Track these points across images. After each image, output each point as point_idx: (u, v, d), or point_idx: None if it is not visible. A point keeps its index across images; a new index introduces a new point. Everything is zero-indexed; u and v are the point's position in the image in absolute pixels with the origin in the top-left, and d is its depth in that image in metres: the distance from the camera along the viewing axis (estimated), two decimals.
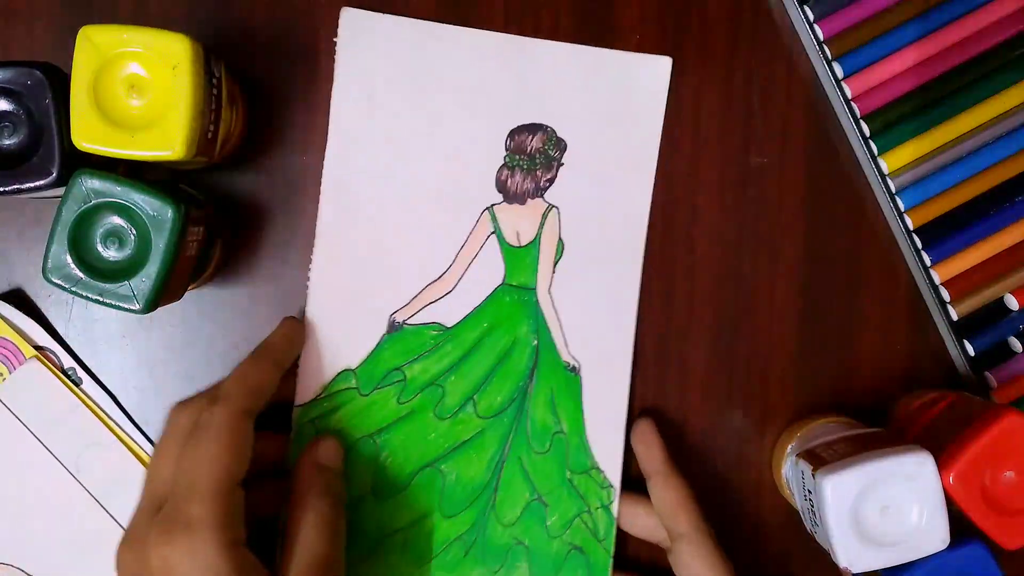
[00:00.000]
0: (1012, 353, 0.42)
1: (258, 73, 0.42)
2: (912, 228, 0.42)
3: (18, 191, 0.35)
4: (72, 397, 0.42)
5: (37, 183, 0.35)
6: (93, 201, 0.34)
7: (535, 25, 0.43)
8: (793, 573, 0.44)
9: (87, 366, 0.42)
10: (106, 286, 0.34)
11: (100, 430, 0.42)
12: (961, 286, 0.42)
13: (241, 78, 0.42)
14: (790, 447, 0.41)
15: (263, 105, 0.42)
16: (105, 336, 0.42)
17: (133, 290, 0.34)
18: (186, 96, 0.34)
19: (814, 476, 0.36)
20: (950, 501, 0.35)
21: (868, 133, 0.42)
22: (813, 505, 0.36)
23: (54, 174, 0.35)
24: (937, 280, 0.42)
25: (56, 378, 0.42)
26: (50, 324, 0.42)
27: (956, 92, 0.42)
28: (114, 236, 0.34)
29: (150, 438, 0.42)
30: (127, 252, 0.34)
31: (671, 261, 0.43)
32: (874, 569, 0.36)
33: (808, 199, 0.43)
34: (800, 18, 0.42)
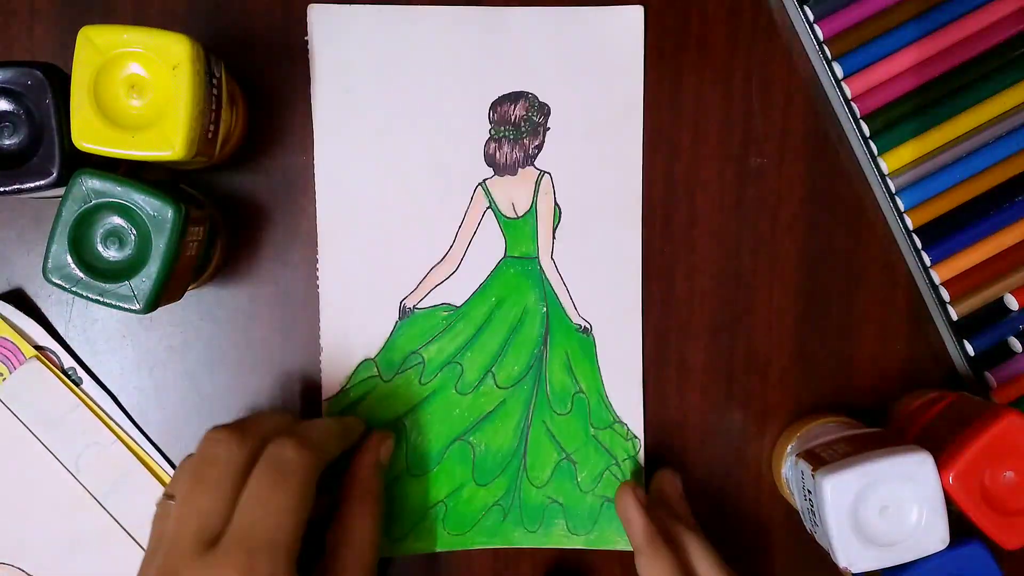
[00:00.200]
0: (1012, 353, 0.42)
1: (258, 73, 0.42)
2: (912, 228, 0.42)
3: (18, 191, 0.35)
4: (72, 397, 0.42)
5: (37, 183, 0.35)
6: (93, 201, 0.34)
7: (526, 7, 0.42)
8: (793, 573, 0.44)
9: (87, 366, 0.42)
10: (106, 286, 0.34)
11: (100, 430, 0.42)
12: (961, 286, 0.42)
13: (241, 78, 0.42)
14: (790, 447, 0.41)
15: (263, 105, 0.42)
16: (105, 336, 0.42)
17: (133, 290, 0.34)
18: (186, 96, 0.34)
19: (814, 476, 0.36)
20: (950, 501, 0.35)
21: (868, 133, 0.42)
22: (813, 505, 0.36)
23: (54, 174, 0.35)
24: (937, 280, 0.42)
25: (56, 378, 0.42)
26: (50, 324, 0.42)
27: (956, 92, 0.42)
28: (114, 236, 0.34)
29: (150, 438, 0.43)
30: (127, 252, 0.34)
31: (671, 261, 0.43)
32: (874, 569, 0.36)
33: (808, 199, 0.43)
34: (800, 18, 0.42)
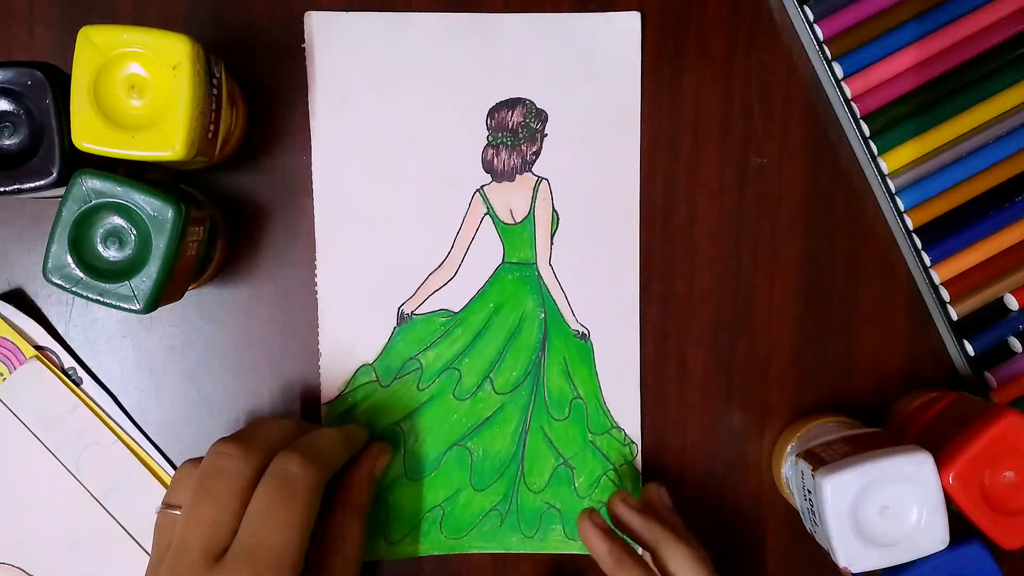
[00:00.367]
0: (1012, 353, 0.42)
1: (258, 73, 0.42)
2: (912, 228, 0.42)
3: (19, 191, 0.35)
4: (72, 397, 0.42)
5: (38, 183, 0.35)
6: (93, 201, 0.34)
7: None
8: (793, 573, 0.44)
9: (87, 366, 0.42)
10: (106, 286, 0.34)
11: (100, 430, 0.42)
12: (961, 286, 0.42)
13: (241, 78, 0.42)
14: (790, 447, 0.41)
15: (263, 105, 0.42)
16: (105, 336, 0.43)
17: (133, 290, 0.34)
18: (186, 96, 0.34)
19: (814, 476, 0.36)
20: (949, 501, 0.35)
21: (868, 133, 0.42)
22: (813, 505, 0.36)
23: (54, 174, 0.35)
24: (937, 280, 0.42)
25: (56, 378, 0.42)
26: (50, 324, 0.42)
27: (956, 92, 0.42)
28: (114, 236, 0.34)
29: (150, 438, 0.43)
30: (127, 252, 0.34)
31: (671, 261, 0.43)
32: (874, 569, 0.36)
33: (808, 199, 0.43)
34: (800, 18, 0.42)
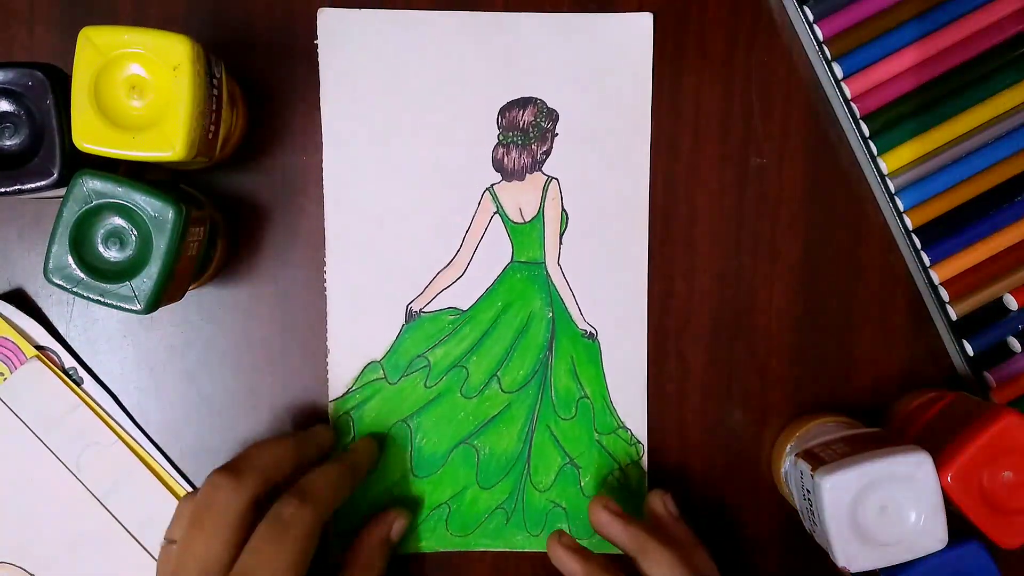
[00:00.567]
0: (1011, 353, 0.42)
1: (258, 73, 0.42)
2: (911, 228, 0.42)
3: (19, 192, 0.35)
4: (73, 397, 0.42)
5: (38, 184, 0.35)
6: (94, 202, 0.34)
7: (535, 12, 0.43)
8: (792, 573, 0.44)
9: (88, 366, 0.42)
10: (107, 286, 0.34)
11: (101, 430, 0.42)
12: (960, 286, 0.42)
13: (241, 78, 0.42)
14: (789, 447, 0.41)
15: (263, 105, 0.42)
16: (106, 336, 0.43)
17: (134, 290, 0.34)
18: (186, 97, 0.34)
19: (813, 476, 0.36)
20: (948, 501, 0.35)
21: (868, 133, 0.42)
22: (812, 505, 0.36)
23: (55, 175, 0.35)
24: (936, 280, 0.42)
25: (57, 378, 0.42)
26: (51, 324, 0.42)
27: (956, 92, 0.42)
28: (115, 237, 0.34)
29: (151, 437, 0.43)
30: (128, 253, 0.34)
31: (671, 261, 0.43)
32: (872, 568, 0.36)
33: (808, 199, 0.43)
34: (800, 18, 0.42)
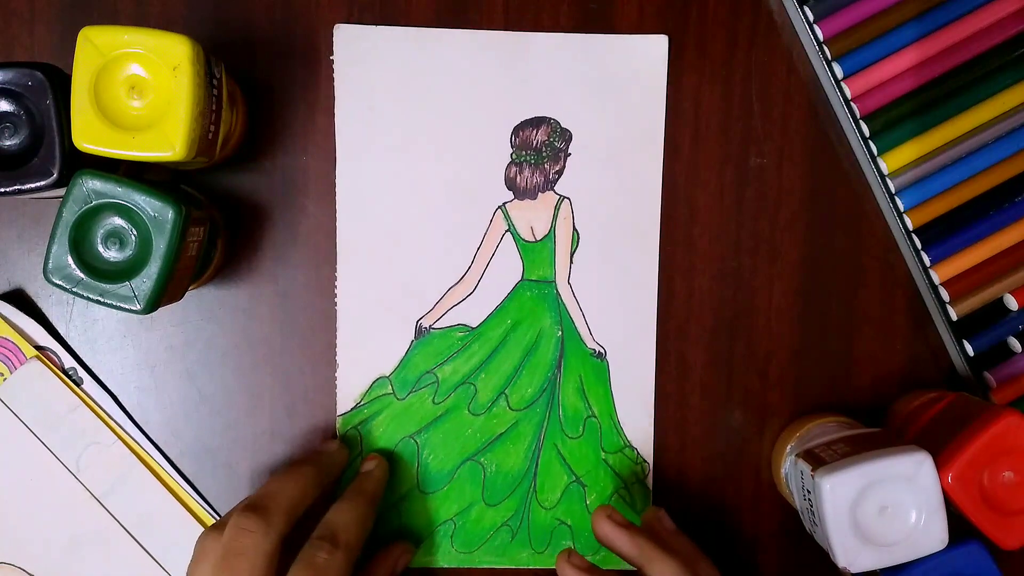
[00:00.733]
0: (1011, 353, 0.42)
1: (258, 73, 0.42)
2: (912, 228, 0.42)
3: (19, 192, 0.35)
4: (73, 397, 0.42)
5: (38, 184, 0.35)
6: (94, 202, 0.34)
7: (534, 28, 0.43)
8: (792, 573, 0.44)
9: (88, 366, 0.42)
10: (107, 286, 0.34)
11: (101, 430, 0.42)
12: (960, 286, 0.42)
13: (241, 78, 0.42)
14: (789, 447, 0.41)
15: (263, 105, 0.42)
16: (106, 336, 0.43)
17: (134, 290, 0.34)
18: (186, 97, 0.34)
19: (813, 476, 0.36)
20: (949, 501, 0.35)
21: (868, 133, 0.42)
22: (812, 505, 0.36)
23: (55, 175, 0.35)
24: (937, 280, 0.42)
25: (57, 378, 0.42)
26: (51, 324, 0.42)
27: (956, 92, 0.42)
28: (115, 237, 0.34)
29: (151, 438, 0.43)
30: (128, 253, 0.34)
31: (671, 261, 0.43)
32: (873, 569, 0.36)
33: (808, 199, 0.43)
34: (800, 18, 0.42)
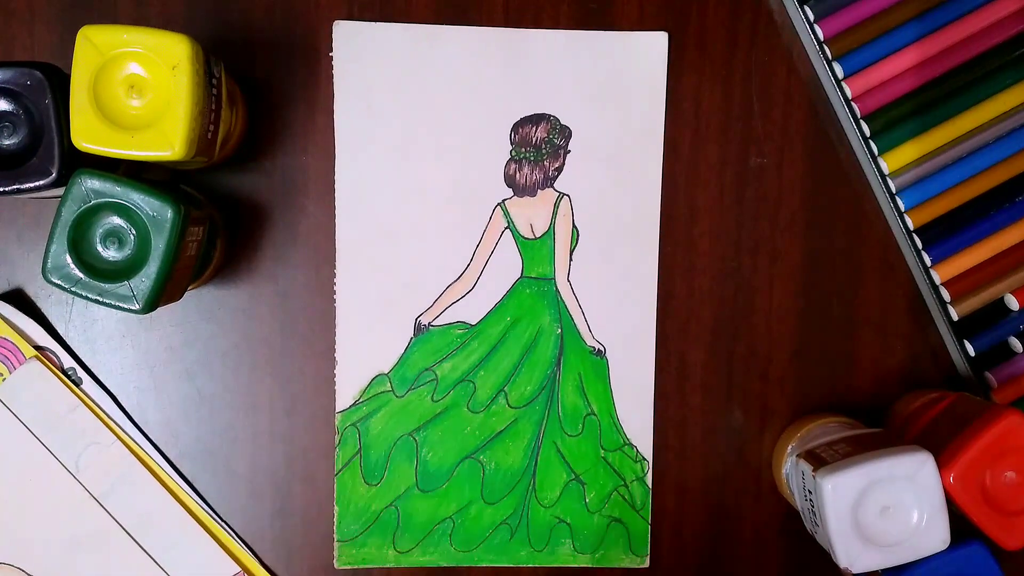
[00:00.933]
0: (1012, 353, 0.42)
1: (258, 73, 0.42)
2: (912, 228, 0.42)
3: (18, 191, 0.35)
4: (72, 397, 0.42)
5: (37, 183, 0.35)
6: (93, 201, 0.34)
7: (534, 26, 0.43)
8: (793, 574, 0.44)
9: (87, 366, 0.42)
10: (106, 286, 0.34)
11: (100, 430, 0.42)
12: (961, 286, 0.42)
13: (241, 78, 0.42)
14: (790, 447, 0.41)
15: (263, 105, 0.42)
16: (105, 336, 0.42)
17: (133, 290, 0.34)
18: (186, 96, 0.34)
19: (814, 476, 0.36)
20: (950, 501, 0.35)
21: (868, 133, 0.42)
22: (813, 505, 0.36)
23: (54, 174, 0.35)
24: (937, 280, 0.42)
25: (56, 378, 0.42)
26: (50, 324, 0.42)
27: (956, 92, 0.42)
28: (114, 236, 0.34)
29: (150, 438, 0.43)
30: (127, 252, 0.34)
31: (671, 261, 0.43)
32: (874, 569, 0.36)
33: (808, 199, 0.43)
34: (800, 18, 0.42)
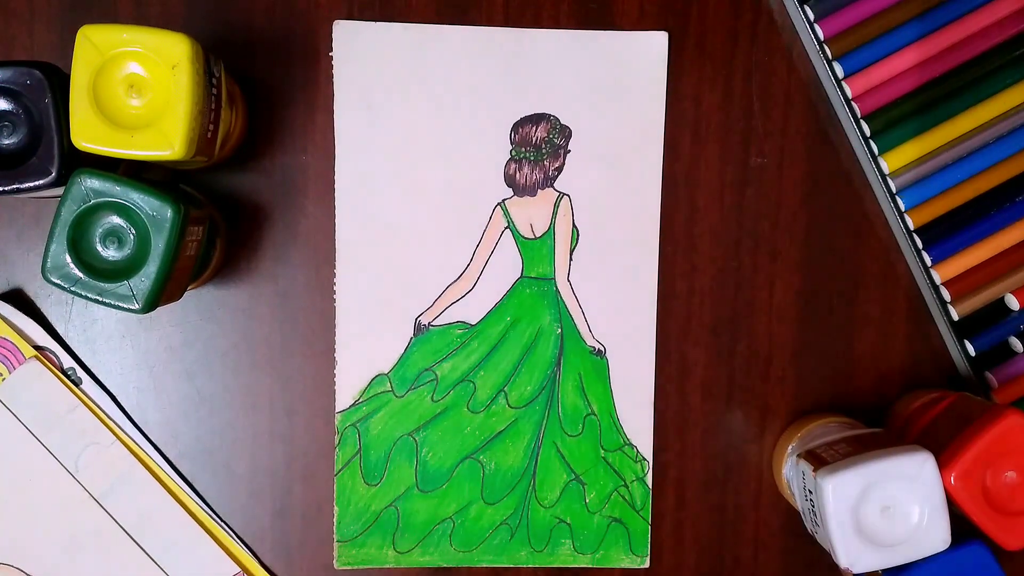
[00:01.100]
0: (1013, 353, 0.42)
1: (258, 73, 0.42)
2: (913, 228, 0.42)
3: (17, 191, 0.35)
4: (72, 397, 0.42)
5: (36, 183, 0.35)
6: (92, 201, 0.34)
7: (534, 26, 0.43)
8: (794, 574, 0.44)
9: (87, 366, 0.42)
10: (105, 286, 0.34)
11: (100, 430, 0.42)
12: (961, 286, 0.42)
13: (241, 78, 0.42)
14: (791, 447, 0.41)
15: (263, 105, 0.42)
16: (105, 336, 0.42)
17: (132, 290, 0.34)
18: (185, 96, 0.34)
19: (815, 476, 0.35)
20: (951, 501, 0.35)
21: (869, 133, 0.42)
22: (814, 506, 0.36)
23: (53, 174, 0.35)
24: (937, 280, 0.42)
25: (56, 378, 0.42)
26: (50, 324, 0.42)
27: (957, 91, 0.42)
28: (113, 236, 0.34)
29: (150, 438, 0.42)
30: (126, 252, 0.34)
31: (671, 261, 0.43)
32: (875, 569, 0.36)
33: (808, 199, 0.43)
34: (800, 18, 0.42)
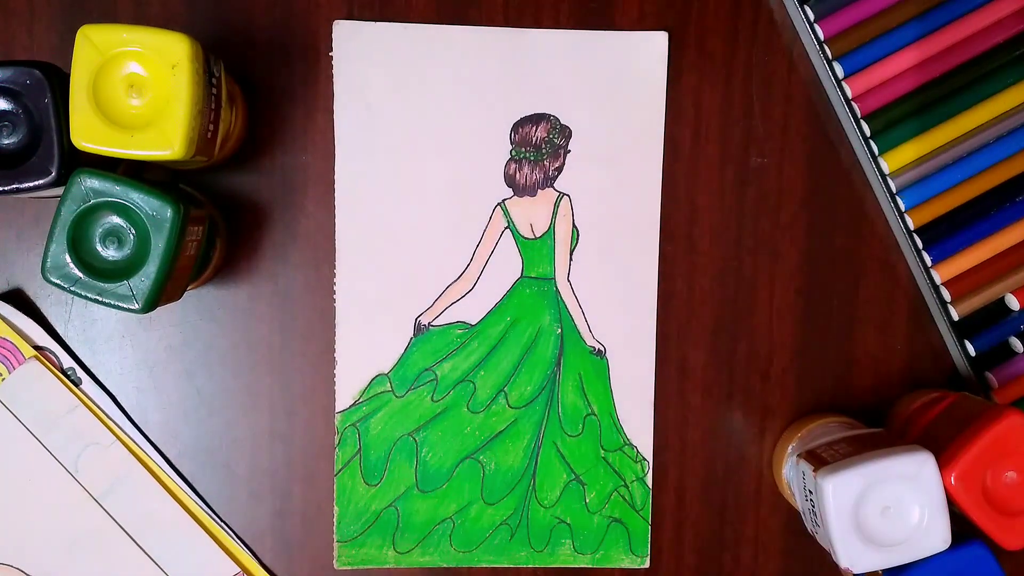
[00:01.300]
0: (1013, 353, 0.42)
1: (258, 73, 0.42)
2: (913, 228, 0.42)
3: (17, 191, 0.35)
4: (71, 397, 0.42)
5: (36, 183, 0.35)
6: (92, 201, 0.34)
7: (534, 26, 0.43)
8: (794, 574, 0.44)
9: (86, 366, 0.42)
10: (105, 286, 0.34)
11: (99, 430, 0.42)
12: (962, 286, 0.42)
13: (241, 78, 0.42)
14: (791, 447, 0.41)
15: (263, 105, 0.42)
16: (104, 336, 0.42)
17: (132, 290, 0.34)
18: (185, 96, 0.34)
19: (815, 477, 0.35)
20: (951, 501, 0.35)
21: (869, 133, 0.42)
22: (814, 506, 0.36)
23: (53, 174, 0.35)
24: (938, 280, 0.42)
25: (55, 378, 0.42)
26: (49, 324, 0.42)
27: (957, 92, 0.42)
28: (113, 236, 0.34)
29: (149, 438, 0.42)
30: (126, 252, 0.34)
31: (671, 261, 0.43)
32: (875, 569, 0.35)
33: (808, 199, 0.43)
34: (800, 18, 0.42)
